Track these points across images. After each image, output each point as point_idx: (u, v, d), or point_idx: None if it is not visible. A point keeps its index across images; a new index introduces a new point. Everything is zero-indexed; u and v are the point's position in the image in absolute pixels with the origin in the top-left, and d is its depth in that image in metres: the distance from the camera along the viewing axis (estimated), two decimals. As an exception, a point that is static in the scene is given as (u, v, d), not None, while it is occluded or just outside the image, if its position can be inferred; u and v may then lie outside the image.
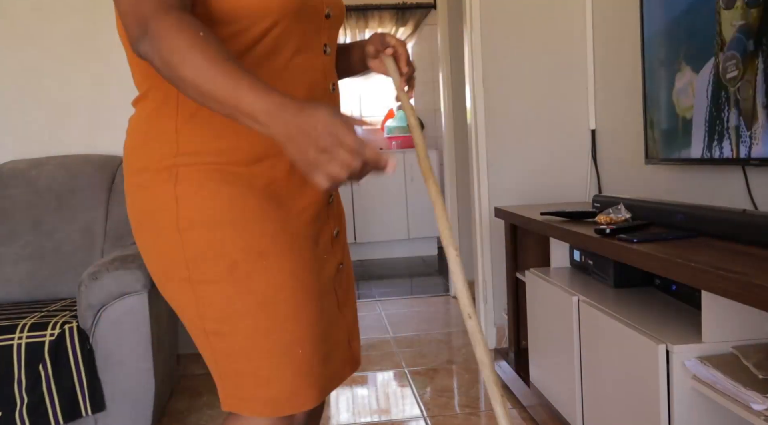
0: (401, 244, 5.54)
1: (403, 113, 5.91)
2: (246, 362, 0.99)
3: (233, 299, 0.98)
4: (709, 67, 1.74)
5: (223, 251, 0.97)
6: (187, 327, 1.03)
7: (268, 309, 0.98)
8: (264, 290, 0.98)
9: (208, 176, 0.98)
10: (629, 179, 2.58)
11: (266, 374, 0.99)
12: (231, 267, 0.97)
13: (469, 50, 2.88)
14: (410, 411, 2.33)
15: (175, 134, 0.99)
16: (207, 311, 0.99)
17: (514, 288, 2.53)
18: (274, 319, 0.99)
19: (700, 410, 1.29)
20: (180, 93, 0.96)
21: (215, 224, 0.97)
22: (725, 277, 1.11)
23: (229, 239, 0.97)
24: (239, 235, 0.98)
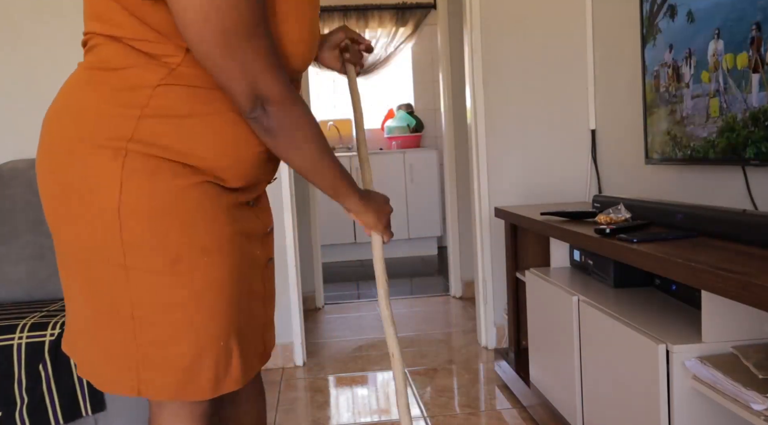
0: (401, 244, 5.54)
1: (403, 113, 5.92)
2: (169, 349, 1.02)
3: (170, 291, 1.00)
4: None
5: (167, 244, 0.99)
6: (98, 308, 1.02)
7: (202, 303, 1.02)
8: (201, 286, 1.02)
9: (159, 167, 0.99)
10: (629, 179, 2.58)
11: (188, 362, 1.03)
12: (174, 261, 0.99)
13: (469, 50, 2.88)
14: (410, 411, 2.33)
15: (136, 120, 0.97)
16: (139, 299, 1.00)
17: (514, 288, 2.53)
18: (206, 313, 1.03)
19: (700, 410, 1.29)
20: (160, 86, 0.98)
21: (161, 216, 0.98)
22: (725, 277, 1.11)
23: (175, 233, 0.99)
24: (185, 230, 1.00)
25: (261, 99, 0.96)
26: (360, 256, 5.53)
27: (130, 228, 0.98)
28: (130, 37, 0.99)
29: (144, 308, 1.00)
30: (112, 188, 0.97)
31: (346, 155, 5.33)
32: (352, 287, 4.49)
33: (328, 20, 5.73)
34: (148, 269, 0.99)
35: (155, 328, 1.01)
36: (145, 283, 0.99)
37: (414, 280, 4.60)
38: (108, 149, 0.97)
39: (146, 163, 0.98)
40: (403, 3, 5.77)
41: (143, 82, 0.98)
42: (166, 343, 1.02)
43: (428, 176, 5.43)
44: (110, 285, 1.01)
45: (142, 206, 0.98)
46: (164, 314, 1.01)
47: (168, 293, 1.00)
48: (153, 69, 0.99)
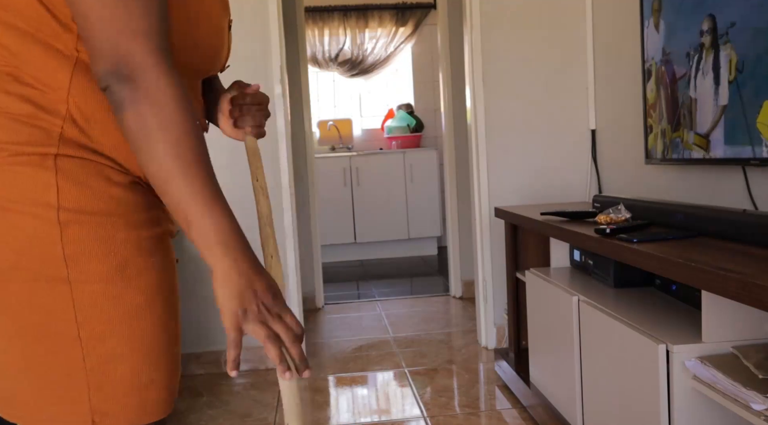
0: (401, 244, 5.54)
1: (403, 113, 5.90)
2: (126, 366, 0.91)
3: (119, 300, 0.90)
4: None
5: (113, 249, 0.89)
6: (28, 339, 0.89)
7: (152, 309, 0.93)
8: (148, 290, 0.93)
9: (96, 170, 0.90)
10: (629, 179, 2.58)
11: (146, 378, 0.93)
12: (121, 265, 0.90)
13: (469, 50, 2.88)
14: (410, 411, 2.33)
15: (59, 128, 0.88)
16: (87, 315, 0.89)
17: (514, 288, 2.53)
18: (158, 320, 0.94)
19: (700, 410, 1.29)
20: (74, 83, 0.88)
21: (104, 220, 0.89)
22: (725, 277, 1.11)
23: (120, 237, 0.90)
24: (129, 233, 0.91)
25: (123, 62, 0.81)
26: (360, 256, 5.53)
27: (73, 238, 0.88)
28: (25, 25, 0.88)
29: (92, 326, 0.90)
30: (46, 196, 0.87)
31: (346, 154, 5.33)
32: (352, 287, 4.49)
33: (328, 20, 5.73)
34: (95, 279, 0.89)
35: (107, 346, 0.90)
36: (92, 295, 0.89)
37: (414, 280, 4.60)
38: (35, 156, 0.88)
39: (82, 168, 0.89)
40: (403, 3, 5.77)
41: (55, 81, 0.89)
42: (121, 360, 0.91)
43: (428, 176, 5.43)
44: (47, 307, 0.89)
45: (85, 211, 0.89)
46: (116, 327, 0.91)
47: (118, 303, 0.91)
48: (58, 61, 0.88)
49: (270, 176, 2.82)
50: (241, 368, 2.86)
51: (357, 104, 6.00)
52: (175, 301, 0.99)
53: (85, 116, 0.91)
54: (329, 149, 5.78)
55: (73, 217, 0.87)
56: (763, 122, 1.53)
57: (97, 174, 0.90)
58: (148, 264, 0.93)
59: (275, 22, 2.78)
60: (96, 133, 0.91)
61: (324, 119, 5.82)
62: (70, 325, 0.88)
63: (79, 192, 0.88)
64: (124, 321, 0.91)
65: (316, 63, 5.76)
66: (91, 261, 0.88)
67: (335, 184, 5.32)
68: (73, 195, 0.88)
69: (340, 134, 5.81)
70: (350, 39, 5.78)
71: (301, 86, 3.76)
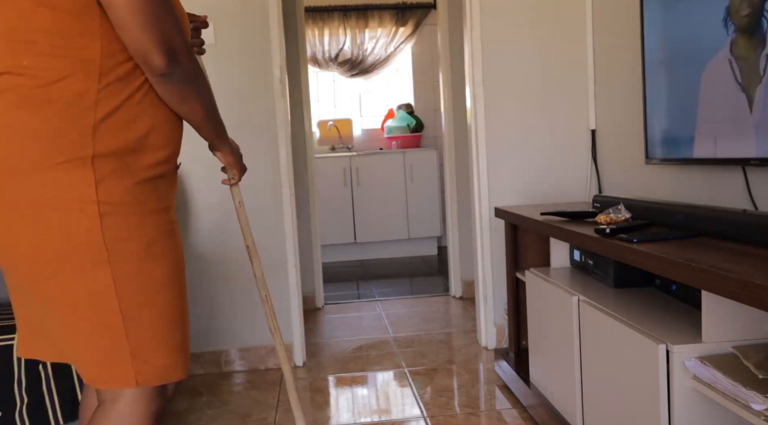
0: (401, 244, 5.54)
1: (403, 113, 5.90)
2: (159, 332, 1.13)
3: (151, 274, 1.12)
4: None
5: (143, 231, 1.11)
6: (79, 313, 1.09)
7: (174, 283, 1.16)
8: (172, 266, 1.16)
9: (126, 166, 1.11)
10: (629, 179, 2.58)
11: (178, 340, 1.16)
12: (149, 245, 1.12)
13: (469, 50, 2.88)
14: (410, 411, 2.33)
15: (91, 129, 1.07)
16: (125, 290, 1.09)
17: (514, 288, 2.53)
18: (179, 291, 1.17)
19: (700, 410, 1.29)
20: (100, 90, 1.08)
21: (134, 208, 1.11)
22: (725, 277, 1.11)
23: (148, 221, 1.12)
24: (155, 217, 1.14)
25: (174, 52, 1.09)
26: (360, 256, 5.53)
27: (111, 225, 1.08)
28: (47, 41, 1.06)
29: (131, 298, 1.10)
30: (87, 190, 1.06)
31: (346, 154, 5.33)
32: (352, 287, 4.49)
33: (328, 20, 5.73)
34: (129, 258, 1.09)
35: (144, 315, 1.11)
36: (129, 272, 1.09)
37: (414, 280, 4.60)
38: (76, 161, 1.06)
39: (112, 164, 1.09)
40: (403, 3, 5.77)
41: (88, 88, 1.08)
42: (157, 327, 1.12)
43: (428, 176, 5.43)
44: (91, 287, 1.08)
45: (118, 202, 1.09)
46: (150, 297, 1.12)
47: (150, 277, 1.12)
48: (84, 71, 1.07)
49: (270, 176, 2.82)
50: (241, 368, 2.86)
51: (357, 104, 6.00)
52: (185, 278, 1.23)
53: (112, 119, 1.10)
54: (329, 149, 5.78)
55: (109, 208, 1.07)
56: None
57: (125, 170, 1.10)
58: (170, 244, 1.16)
59: (275, 22, 2.78)
60: (124, 131, 1.11)
61: (324, 119, 5.82)
62: (111, 302, 1.08)
63: (113, 187, 1.08)
64: (157, 292, 1.13)
65: (316, 63, 5.76)
66: (125, 243, 1.09)
67: (335, 184, 5.32)
68: (109, 190, 1.08)
69: (340, 134, 5.81)
70: (350, 39, 5.78)
71: (301, 86, 3.76)
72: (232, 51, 2.79)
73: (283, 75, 2.82)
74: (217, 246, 2.82)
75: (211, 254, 2.82)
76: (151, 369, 1.12)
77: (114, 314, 1.09)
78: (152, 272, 1.12)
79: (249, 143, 2.80)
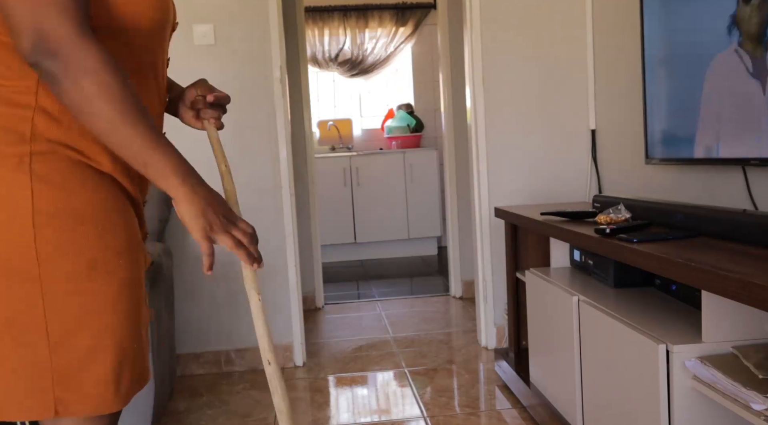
0: (401, 244, 5.54)
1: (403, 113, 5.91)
2: (92, 359, 0.97)
3: (88, 297, 0.96)
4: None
5: (83, 249, 0.95)
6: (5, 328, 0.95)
7: (117, 307, 0.99)
8: (116, 289, 0.99)
9: (70, 168, 0.95)
10: (629, 179, 2.58)
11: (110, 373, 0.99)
12: (90, 265, 0.96)
13: (469, 50, 2.88)
14: (410, 411, 2.33)
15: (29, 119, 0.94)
16: (55, 312, 0.95)
17: (514, 288, 2.53)
18: (123, 317, 1.00)
19: (700, 410, 1.29)
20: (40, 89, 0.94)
21: (77, 220, 0.95)
22: (725, 277, 1.11)
23: (92, 236, 0.96)
24: (101, 233, 0.97)
25: (44, 37, 0.87)
26: (360, 256, 5.53)
27: (44, 237, 0.93)
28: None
29: (60, 322, 0.95)
30: (22, 198, 0.92)
31: (346, 154, 5.33)
32: (352, 287, 4.49)
33: (328, 20, 5.73)
34: (65, 277, 0.94)
35: (74, 341, 0.96)
36: (62, 293, 0.95)
37: (414, 280, 4.60)
38: (10, 158, 0.92)
39: (57, 165, 0.94)
40: (403, 3, 5.77)
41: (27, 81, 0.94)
42: (87, 355, 0.97)
43: (428, 176, 5.43)
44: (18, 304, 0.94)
45: (59, 212, 0.94)
46: (83, 322, 0.96)
47: (86, 301, 0.96)
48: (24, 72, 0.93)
49: (270, 176, 2.82)
50: (241, 368, 2.87)
51: (357, 104, 6.00)
52: (141, 294, 1.05)
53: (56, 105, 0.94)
54: (329, 149, 5.78)
55: (46, 220, 0.93)
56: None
57: (71, 172, 0.95)
58: (115, 264, 0.99)
59: (275, 22, 2.78)
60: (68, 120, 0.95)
61: (324, 119, 5.82)
62: (38, 322, 0.94)
63: (54, 194, 0.93)
64: (93, 317, 0.97)
65: (316, 63, 5.76)
66: (62, 261, 0.94)
67: (335, 184, 5.32)
68: (48, 198, 0.93)
69: (340, 134, 5.81)
70: (350, 39, 5.78)
71: (301, 86, 3.76)
72: (232, 51, 2.79)
73: (283, 75, 2.82)
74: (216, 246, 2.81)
75: (211, 254, 2.81)
76: (77, 400, 0.97)
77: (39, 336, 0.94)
78: (93, 293, 0.96)
79: (249, 143, 2.80)
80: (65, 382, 0.97)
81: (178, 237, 2.80)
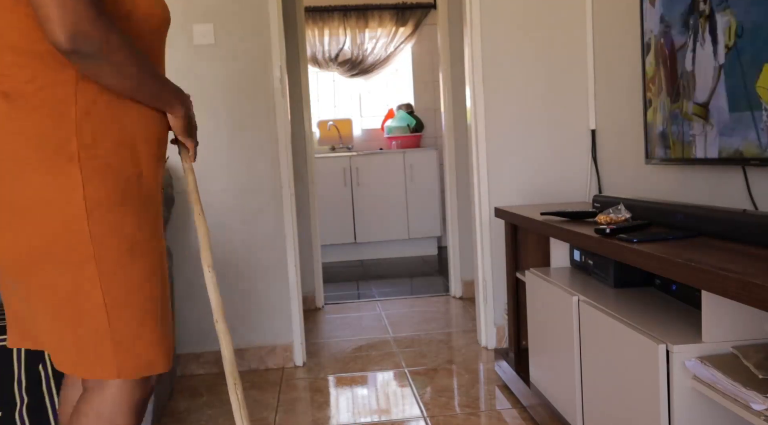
0: (401, 244, 5.54)
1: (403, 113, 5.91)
2: (143, 326, 1.16)
3: (134, 270, 1.14)
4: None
5: (125, 231, 1.13)
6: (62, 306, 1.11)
7: (156, 279, 1.18)
8: (152, 265, 1.18)
9: (110, 164, 1.12)
10: (629, 179, 2.58)
11: (158, 336, 1.18)
12: (132, 245, 1.14)
13: (469, 50, 2.88)
14: (410, 411, 2.33)
15: (74, 124, 1.08)
16: (110, 285, 1.12)
17: (514, 288, 2.53)
18: (160, 287, 1.19)
19: (700, 410, 1.29)
20: (78, 90, 1.09)
21: (118, 207, 1.12)
22: (725, 277, 1.11)
23: (130, 221, 1.14)
24: (138, 218, 1.15)
25: (79, 24, 1.00)
26: (360, 256, 5.53)
27: (96, 221, 1.10)
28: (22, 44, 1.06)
29: (115, 292, 1.12)
30: (75, 187, 1.08)
31: (346, 154, 5.33)
32: (352, 287, 4.49)
33: (328, 20, 5.73)
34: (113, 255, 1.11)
35: (128, 310, 1.14)
36: (114, 268, 1.12)
37: (414, 280, 4.60)
38: (61, 158, 1.07)
39: (100, 162, 1.10)
40: (403, 3, 5.77)
41: (66, 88, 1.08)
42: (140, 321, 1.15)
43: (428, 176, 5.43)
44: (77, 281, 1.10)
45: (104, 200, 1.10)
46: (134, 294, 1.14)
47: (134, 273, 1.14)
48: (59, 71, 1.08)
49: (270, 176, 2.82)
50: (241, 368, 2.86)
51: (357, 104, 6.00)
52: (167, 276, 1.25)
53: (92, 112, 1.10)
54: (329, 149, 5.78)
55: (96, 206, 1.10)
56: (763, 85, 1.52)
57: (114, 166, 1.12)
58: (151, 246, 1.18)
59: (275, 22, 2.78)
60: (107, 124, 1.12)
61: (324, 119, 5.82)
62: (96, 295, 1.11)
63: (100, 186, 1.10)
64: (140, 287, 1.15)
65: (316, 63, 5.76)
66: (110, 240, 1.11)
67: (335, 184, 5.32)
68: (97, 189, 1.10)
69: (340, 134, 5.81)
70: (350, 39, 5.78)
71: (301, 86, 3.76)
72: (232, 51, 2.79)
73: (283, 75, 2.82)
74: (215, 247, 2.82)
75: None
76: (133, 362, 1.15)
77: (98, 307, 1.11)
78: (135, 268, 1.14)
79: (249, 143, 2.80)
80: (123, 347, 1.14)
81: (178, 237, 2.80)
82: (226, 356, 1.31)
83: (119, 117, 1.14)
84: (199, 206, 1.37)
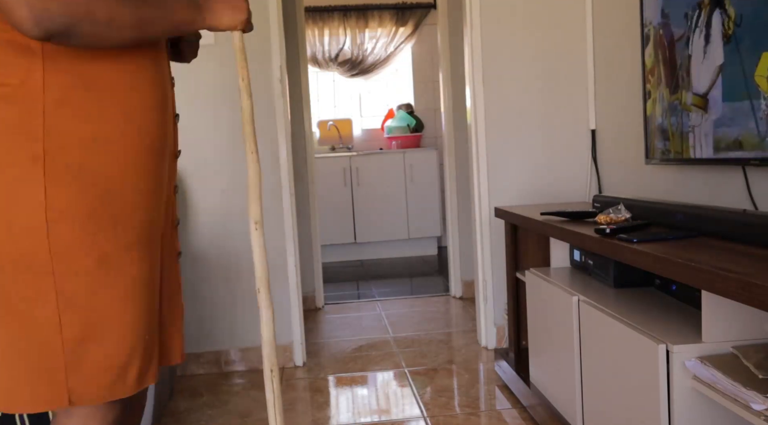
0: (401, 244, 5.54)
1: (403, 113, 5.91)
2: (102, 352, 1.01)
3: (101, 290, 0.99)
4: (709, 67, 1.74)
5: (94, 244, 0.98)
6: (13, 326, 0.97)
7: (128, 301, 1.02)
8: (126, 283, 1.02)
9: (81, 165, 0.97)
10: (629, 179, 2.58)
11: (123, 359, 1.02)
12: (100, 260, 0.99)
13: (469, 50, 2.88)
14: (410, 411, 2.33)
15: (42, 118, 0.94)
16: (67, 305, 0.97)
17: (514, 288, 2.53)
18: (134, 310, 1.03)
19: (700, 410, 1.29)
20: (47, 79, 0.94)
21: (88, 217, 0.97)
22: (725, 277, 1.11)
23: (102, 232, 0.99)
24: (111, 228, 1.00)
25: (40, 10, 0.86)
26: (360, 256, 5.53)
27: (59, 234, 0.95)
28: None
29: (73, 313, 0.98)
30: (35, 194, 0.94)
31: (346, 154, 5.33)
32: (352, 287, 4.49)
33: (328, 20, 5.73)
34: (76, 271, 0.97)
35: (87, 331, 0.99)
36: (72, 287, 0.97)
37: (414, 280, 4.60)
38: (23, 157, 0.94)
39: (68, 162, 0.96)
40: (403, 3, 5.77)
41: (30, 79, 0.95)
42: (100, 344, 1.00)
43: (428, 176, 5.43)
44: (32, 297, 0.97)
45: (70, 210, 0.96)
46: (96, 315, 0.99)
47: (99, 293, 0.99)
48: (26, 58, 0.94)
49: (270, 176, 2.82)
50: (241, 368, 2.86)
51: (357, 104, 6.00)
52: (155, 287, 1.10)
53: (63, 104, 0.96)
54: (329, 149, 5.78)
55: (59, 216, 0.95)
56: (762, 74, 1.52)
57: (85, 169, 0.97)
58: (126, 260, 1.02)
59: (275, 22, 2.78)
60: (78, 116, 0.97)
61: (324, 119, 5.82)
62: (52, 315, 0.97)
63: (65, 193, 0.95)
64: (102, 310, 1.00)
65: (316, 63, 5.76)
66: (74, 255, 0.97)
67: (335, 184, 5.32)
68: (61, 196, 0.95)
69: (340, 134, 5.81)
70: (350, 39, 5.78)
71: (301, 86, 3.76)
72: (232, 51, 2.78)
73: (283, 75, 2.82)
74: (216, 247, 2.82)
75: (211, 254, 2.82)
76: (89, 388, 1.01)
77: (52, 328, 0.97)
78: (101, 291, 1.00)
79: (249, 143, 2.80)
80: (77, 372, 0.99)
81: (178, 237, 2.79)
82: (264, 336, 1.12)
83: (100, 109, 0.99)
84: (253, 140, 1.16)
